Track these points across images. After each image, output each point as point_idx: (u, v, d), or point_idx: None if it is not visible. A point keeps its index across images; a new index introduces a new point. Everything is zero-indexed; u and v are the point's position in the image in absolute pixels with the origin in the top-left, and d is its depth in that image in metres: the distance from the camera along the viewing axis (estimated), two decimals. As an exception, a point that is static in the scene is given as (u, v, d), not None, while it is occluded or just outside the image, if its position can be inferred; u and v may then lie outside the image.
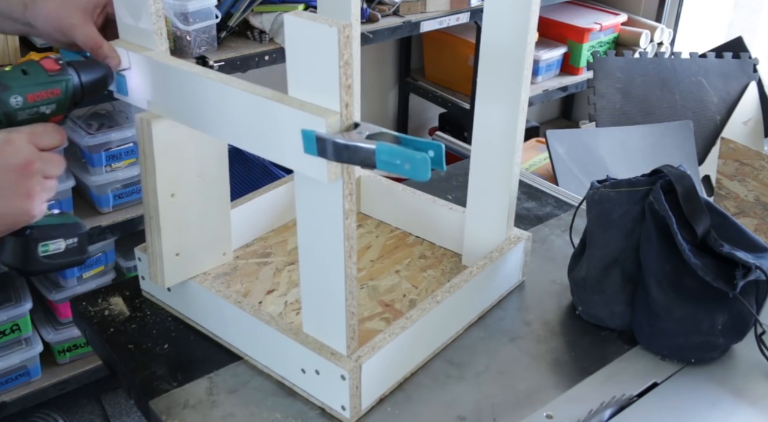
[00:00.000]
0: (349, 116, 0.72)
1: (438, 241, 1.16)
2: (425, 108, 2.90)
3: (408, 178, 0.75)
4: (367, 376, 0.85)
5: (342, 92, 0.70)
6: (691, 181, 0.92)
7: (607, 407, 0.86)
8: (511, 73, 0.93)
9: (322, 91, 0.72)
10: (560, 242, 1.20)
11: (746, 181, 2.07)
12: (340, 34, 0.68)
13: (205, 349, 0.97)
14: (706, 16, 3.05)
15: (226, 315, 0.95)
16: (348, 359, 0.84)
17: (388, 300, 1.05)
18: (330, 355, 0.85)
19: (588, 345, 0.99)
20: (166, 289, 1.01)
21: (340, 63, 0.69)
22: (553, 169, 2.14)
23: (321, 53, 0.70)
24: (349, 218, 0.77)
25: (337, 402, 0.86)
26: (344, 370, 0.83)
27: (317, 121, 0.71)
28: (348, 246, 0.78)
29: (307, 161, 0.74)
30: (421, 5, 2.21)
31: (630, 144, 2.30)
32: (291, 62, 0.73)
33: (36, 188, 0.77)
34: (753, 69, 2.57)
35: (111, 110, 1.88)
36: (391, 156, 0.69)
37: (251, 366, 0.94)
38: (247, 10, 1.88)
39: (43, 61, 0.80)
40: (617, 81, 2.49)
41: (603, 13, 2.82)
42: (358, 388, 0.85)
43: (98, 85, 0.86)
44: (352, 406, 0.85)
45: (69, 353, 1.98)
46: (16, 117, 0.78)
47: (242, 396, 0.90)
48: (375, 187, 1.21)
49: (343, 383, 0.84)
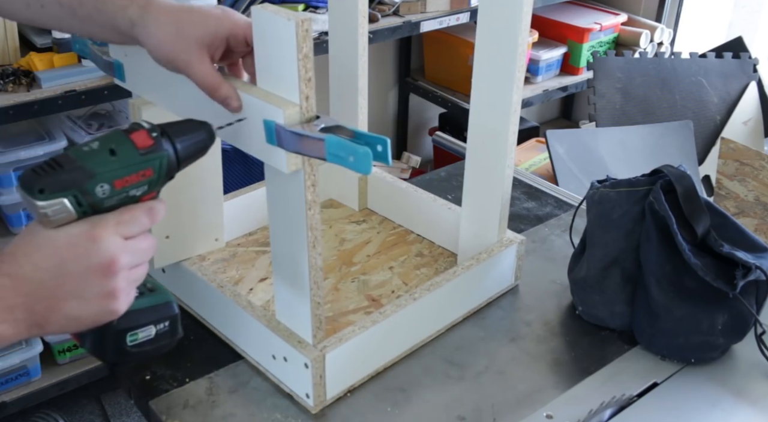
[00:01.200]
0: (310, 108, 0.74)
1: (437, 240, 1.17)
2: (425, 108, 2.90)
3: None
4: (332, 366, 0.86)
5: (302, 84, 0.72)
6: (691, 181, 0.93)
7: (607, 407, 0.86)
8: (504, 75, 0.93)
9: (284, 83, 0.74)
10: (560, 242, 1.20)
11: (746, 181, 2.07)
12: (299, 28, 0.70)
13: (205, 349, 0.97)
14: (706, 16, 3.05)
15: (210, 299, 0.98)
16: (313, 348, 0.86)
17: (375, 295, 1.05)
18: (297, 343, 0.86)
19: (588, 345, 0.99)
20: (160, 271, 1.03)
21: (299, 56, 0.71)
22: (553, 169, 2.14)
23: (282, 46, 0.72)
24: (312, 209, 0.78)
25: (302, 389, 0.88)
26: (308, 359, 0.85)
27: (276, 111, 0.73)
28: (312, 237, 0.80)
29: (269, 151, 0.76)
30: (421, 5, 2.21)
31: (630, 144, 2.30)
32: (257, 54, 0.76)
33: (121, 285, 0.68)
34: (753, 69, 2.57)
35: (111, 110, 1.88)
36: (338, 149, 0.70)
37: (251, 366, 0.94)
38: (247, 10, 1.88)
39: (133, 135, 0.68)
40: (617, 81, 2.49)
41: (603, 13, 2.82)
42: (322, 377, 0.86)
43: (197, 153, 0.74)
44: (315, 395, 0.87)
45: (69, 353, 1.98)
46: (103, 205, 0.66)
47: (242, 396, 0.90)
48: (380, 183, 1.22)
49: (306, 371, 0.85)
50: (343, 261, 1.13)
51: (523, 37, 0.90)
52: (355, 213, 1.25)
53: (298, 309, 0.86)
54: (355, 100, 1.15)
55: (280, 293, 0.88)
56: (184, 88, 0.81)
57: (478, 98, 0.97)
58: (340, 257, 1.13)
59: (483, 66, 0.95)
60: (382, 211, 1.24)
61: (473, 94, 0.98)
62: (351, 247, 1.16)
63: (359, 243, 1.17)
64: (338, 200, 1.28)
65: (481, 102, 0.97)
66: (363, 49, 1.11)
